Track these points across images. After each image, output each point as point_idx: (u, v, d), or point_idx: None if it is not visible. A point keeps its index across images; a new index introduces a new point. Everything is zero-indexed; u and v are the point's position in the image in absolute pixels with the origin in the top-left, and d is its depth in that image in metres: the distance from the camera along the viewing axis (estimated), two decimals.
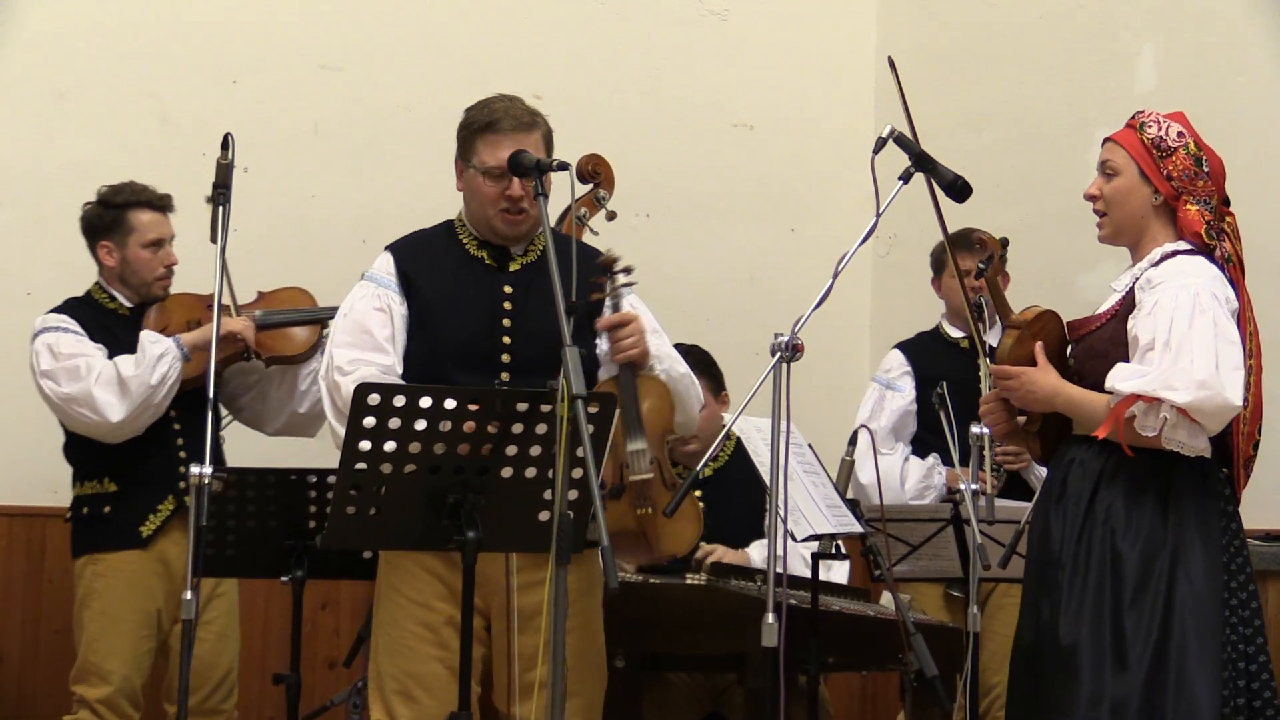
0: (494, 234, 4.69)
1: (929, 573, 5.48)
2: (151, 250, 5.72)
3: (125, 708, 5.59)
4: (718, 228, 7.45)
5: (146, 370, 5.49)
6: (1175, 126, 4.47)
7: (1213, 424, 4.30)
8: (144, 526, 5.59)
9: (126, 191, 5.75)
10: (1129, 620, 4.30)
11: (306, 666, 5.28)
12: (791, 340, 4.41)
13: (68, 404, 5.53)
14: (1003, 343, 4.59)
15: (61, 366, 5.55)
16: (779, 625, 4.31)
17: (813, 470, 4.92)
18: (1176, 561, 4.32)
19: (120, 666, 5.57)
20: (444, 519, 4.04)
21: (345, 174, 6.96)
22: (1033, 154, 7.10)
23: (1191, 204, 4.44)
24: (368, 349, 4.60)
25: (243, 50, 6.87)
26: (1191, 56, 6.69)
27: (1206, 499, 4.38)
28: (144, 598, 5.60)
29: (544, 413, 4.02)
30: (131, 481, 5.62)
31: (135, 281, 5.74)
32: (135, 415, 5.51)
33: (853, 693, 7.26)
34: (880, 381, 6.38)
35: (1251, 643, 4.35)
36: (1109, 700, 4.27)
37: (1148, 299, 4.38)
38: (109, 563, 5.61)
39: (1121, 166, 4.49)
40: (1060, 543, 4.42)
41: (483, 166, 4.62)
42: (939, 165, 4.57)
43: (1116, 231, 4.53)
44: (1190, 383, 4.23)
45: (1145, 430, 4.29)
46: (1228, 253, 4.44)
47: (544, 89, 6.36)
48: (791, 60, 7.60)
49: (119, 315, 5.73)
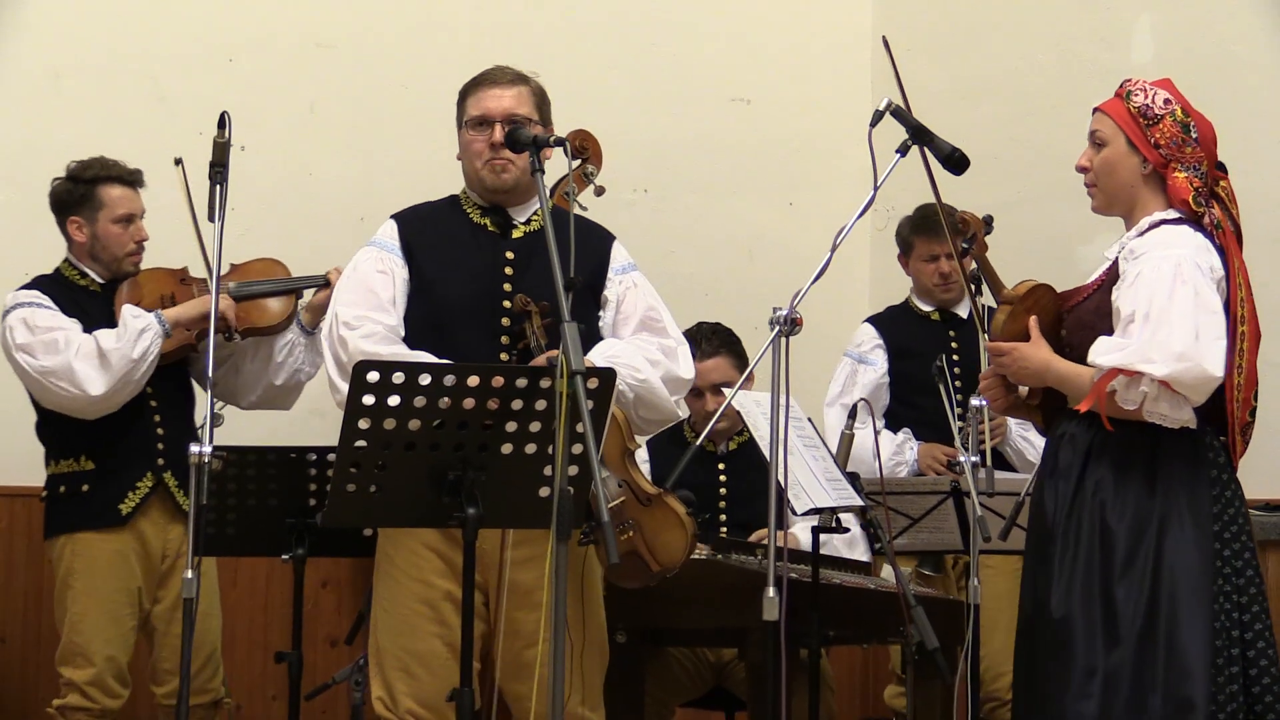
0: (485, 190, 4.73)
1: (930, 545, 5.50)
2: (122, 225, 5.69)
3: (114, 687, 5.57)
4: (716, 202, 7.44)
5: (128, 344, 5.45)
6: (1162, 94, 4.45)
7: (1195, 395, 4.28)
8: (123, 504, 5.55)
9: (96, 166, 5.73)
10: (1119, 593, 4.30)
11: (308, 644, 5.29)
12: (790, 314, 4.41)
13: (45, 377, 5.47)
14: (996, 318, 4.59)
15: (39, 340, 5.50)
16: (780, 599, 4.32)
17: (812, 444, 4.92)
18: (1164, 533, 4.31)
19: (104, 646, 5.54)
20: (444, 496, 4.03)
21: (342, 152, 6.95)
22: (1030, 126, 7.09)
23: (1180, 171, 4.42)
24: (371, 307, 4.64)
25: (239, 29, 6.86)
26: (1188, 27, 6.68)
27: (1197, 469, 4.36)
28: (126, 576, 5.56)
29: (543, 389, 4.02)
30: (109, 459, 5.58)
31: (106, 257, 5.71)
32: (116, 389, 5.46)
33: (854, 666, 7.27)
34: (852, 355, 6.36)
35: (1247, 610, 4.34)
36: (1101, 673, 4.28)
37: (1130, 270, 4.37)
38: (88, 541, 5.56)
39: (1109, 136, 4.47)
40: (1053, 517, 4.43)
41: (466, 117, 4.72)
42: (936, 138, 4.56)
43: (1108, 202, 4.52)
44: (1169, 355, 4.22)
45: (1126, 404, 4.28)
46: (1217, 219, 4.42)
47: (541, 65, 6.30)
48: (789, 34, 7.58)
49: (90, 291, 5.69)
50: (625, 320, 4.77)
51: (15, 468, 6.42)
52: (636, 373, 4.62)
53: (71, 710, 5.55)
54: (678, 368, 4.75)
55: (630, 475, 4.59)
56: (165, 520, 5.59)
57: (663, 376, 4.68)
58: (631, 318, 4.77)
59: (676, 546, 4.61)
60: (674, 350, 4.77)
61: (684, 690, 5.88)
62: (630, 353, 4.65)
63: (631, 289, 4.79)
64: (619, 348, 4.67)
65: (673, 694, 5.83)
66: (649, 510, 4.59)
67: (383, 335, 4.60)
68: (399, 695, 4.53)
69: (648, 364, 4.66)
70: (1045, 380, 4.51)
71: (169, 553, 5.61)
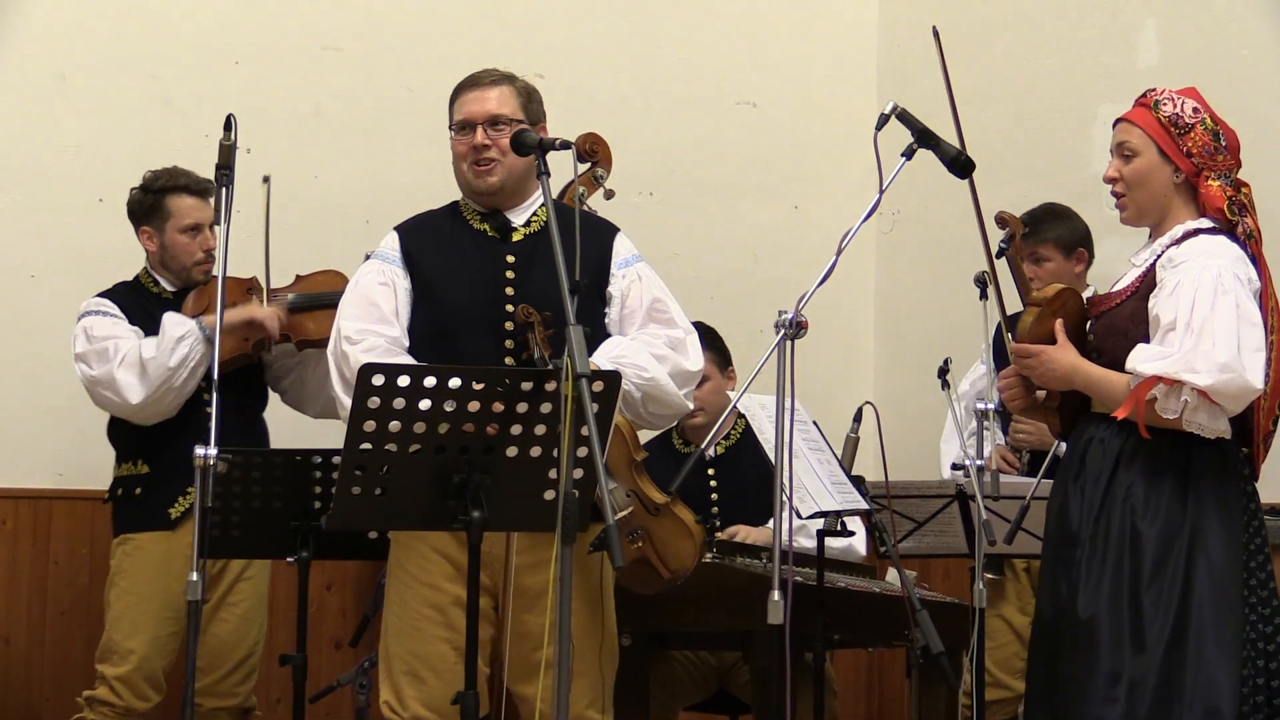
0: (474, 193, 4.73)
1: (935, 549, 5.49)
2: (189, 235, 5.73)
3: (144, 688, 5.60)
4: (721, 206, 7.44)
5: (165, 353, 5.50)
6: (1190, 102, 4.45)
7: (1234, 406, 4.29)
8: (172, 509, 5.60)
9: (165, 176, 5.77)
10: (1147, 599, 4.29)
11: (313, 647, 5.30)
12: (795, 317, 4.41)
13: (94, 386, 5.57)
14: (1022, 320, 4.58)
15: (93, 349, 5.58)
16: (785, 602, 4.31)
17: (818, 447, 4.92)
18: (1195, 542, 4.31)
19: (140, 646, 5.59)
20: (449, 499, 4.03)
21: (348, 155, 6.94)
22: (1036, 129, 7.09)
23: (1213, 180, 4.42)
24: (374, 320, 4.64)
25: (245, 31, 6.86)
26: (1194, 31, 6.67)
27: (1226, 480, 4.37)
28: (169, 579, 5.56)
29: (548, 392, 4.01)
30: (162, 464, 5.62)
31: (175, 266, 5.76)
32: (157, 398, 5.52)
33: (859, 669, 7.27)
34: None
35: (1269, 623, 4.34)
36: (1126, 678, 4.27)
37: (1169, 278, 4.35)
38: (137, 543, 5.65)
39: (1140, 147, 4.45)
40: (1079, 521, 4.41)
41: (451, 122, 4.74)
42: (942, 141, 4.56)
43: (1139, 213, 4.50)
44: (1212, 365, 4.22)
45: (1166, 413, 4.27)
46: (1250, 229, 4.42)
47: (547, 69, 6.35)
48: (794, 38, 7.58)
49: (163, 299, 5.74)
50: (631, 315, 4.73)
51: (21, 470, 6.43)
52: (643, 371, 4.59)
53: (98, 703, 5.60)
54: (686, 360, 4.71)
55: (638, 485, 4.60)
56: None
57: (670, 371, 4.64)
58: (637, 312, 4.73)
59: (687, 554, 4.63)
60: (682, 342, 4.72)
61: (688, 693, 5.88)
62: (635, 350, 4.62)
63: (636, 282, 4.75)
64: (624, 347, 4.64)
65: (676, 697, 5.83)
66: (658, 519, 4.60)
67: (384, 348, 4.59)
68: (407, 699, 4.53)
69: (654, 361, 4.63)
70: (1073, 383, 4.50)
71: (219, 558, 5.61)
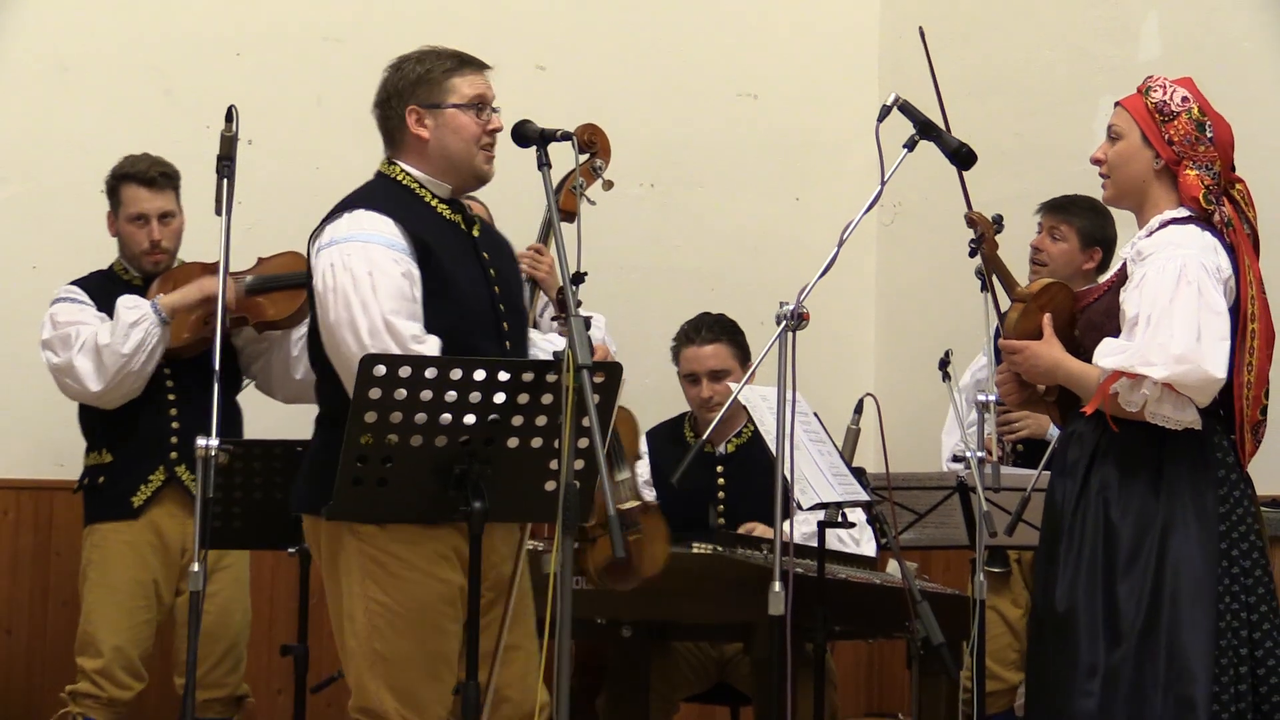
0: (465, 179, 4.45)
1: (935, 541, 5.49)
2: (136, 225, 5.69)
3: (122, 678, 5.58)
4: (722, 197, 7.44)
5: (119, 338, 5.46)
6: (1181, 91, 4.47)
7: (1198, 397, 4.29)
8: (135, 497, 5.58)
9: (125, 164, 5.75)
10: (1121, 591, 4.31)
11: (314, 637, 5.29)
12: (797, 309, 4.42)
13: (57, 373, 5.55)
14: (1009, 316, 4.59)
15: (56, 335, 5.56)
16: (785, 594, 4.32)
17: (819, 439, 4.92)
18: (1168, 534, 4.32)
19: (112, 637, 5.57)
20: (450, 490, 4.03)
21: (349, 146, 6.92)
22: (1037, 122, 7.08)
23: (1191, 169, 4.43)
24: (412, 317, 4.24)
25: (246, 23, 6.86)
26: (1196, 24, 6.67)
27: (1202, 470, 4.36)
28: (137, 568, 5.58)
29: (549, 383, 4.01)
30: (125, 452, 5.61)
31: (126, 255, 5.75)
32: (115, 383, 5.49)
33: (859, 660, 7.27)
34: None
35: (1255, 611, 4.33)
36: (1102, 671, 4.29)
37: (1137, 271, 4.39)
38: (103, 533, 5.62)
39: (1125, 130, 4.49)
40: (1060, 513, 4.44)
41: (465, 99, 4.41)
42: (943, 133, 4.57)
43: (1119, 194, 4.54)
44: (1168, 357, 4.23)
45: (1129, 406, 4.29)
46: (1228, 217, 4.43)
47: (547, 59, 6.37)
48: (796, 29, 7.58)
49: (133, 286, 5.71)
50: None
51: (22, 460, 6.43)
52: None
53: (81, 696, 5.59)
54: None
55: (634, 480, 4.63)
56: (183, 513, 5.55)
57: None
58: None
59: (660, 559, 4.70)
60: None
61: (688, 684, 5.88)
62: None
63: None
64: None
65: (677, 688, 5.82)
66: (647, 517, 4.64)
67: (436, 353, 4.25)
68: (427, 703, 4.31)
69: None
70: (1055, 379, 4.53)
71: (189, 546, 5.61)
